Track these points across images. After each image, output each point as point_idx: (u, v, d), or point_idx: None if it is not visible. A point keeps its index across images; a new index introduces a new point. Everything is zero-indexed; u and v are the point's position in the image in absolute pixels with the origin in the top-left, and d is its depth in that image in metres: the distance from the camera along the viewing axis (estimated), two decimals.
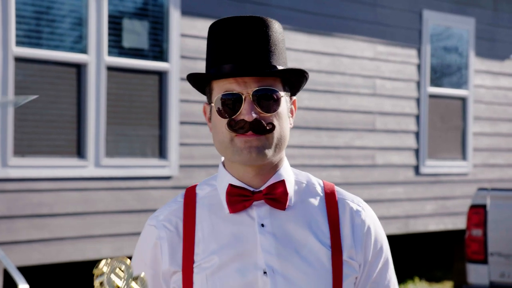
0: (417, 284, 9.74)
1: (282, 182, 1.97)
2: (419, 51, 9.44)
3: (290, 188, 1.99)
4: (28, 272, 6.93)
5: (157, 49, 7.20)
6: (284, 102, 1.97)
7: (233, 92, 1.92)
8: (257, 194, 1.96)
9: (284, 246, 1.94)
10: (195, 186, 2.04)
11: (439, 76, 9.80)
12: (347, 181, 8.61)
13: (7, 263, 4.79)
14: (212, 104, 1.96)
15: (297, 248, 1.95)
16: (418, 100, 9.45)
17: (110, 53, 6.84)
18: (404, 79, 9.31)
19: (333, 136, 8.51)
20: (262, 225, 1.95)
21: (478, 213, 6.54)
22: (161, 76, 7.17)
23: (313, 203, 2.00)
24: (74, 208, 6.64)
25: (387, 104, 9.12)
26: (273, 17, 2.48)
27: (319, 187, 2.04)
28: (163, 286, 1.98)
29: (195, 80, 1.99)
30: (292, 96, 2.03)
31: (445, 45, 9.83)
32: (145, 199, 7.05)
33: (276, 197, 1.96)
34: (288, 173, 2.01)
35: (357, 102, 8.81)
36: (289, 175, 2.01)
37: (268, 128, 1.92)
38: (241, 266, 1.92)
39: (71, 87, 6.67)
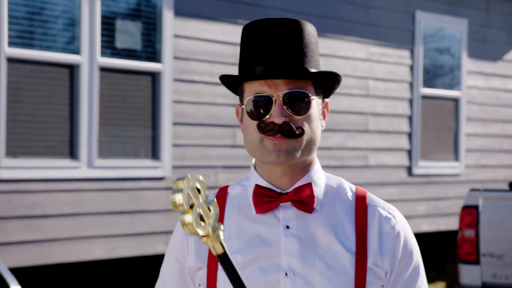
0: None
1: (310, 185, 1.97)
2: (412, 52, 9.45)
3: (318, 192, 1.99)
4: (21, 273, 6.91)
5: (150, 50, 7.19)
6: (315, 105, 1.96)
7: (264, 95, 1.92)
8: (284, 196, 1.96)
9: (308, 249, 1.94)
10: (228, 186, 2.06)
11: (432, 77, 9.82)
12: None
13: None
14: (244, 106, 1.97)
15: (321, 252, 1.94)
16: (411, 101, 9.47)
17: (103, 54, 6.83)
18: (397, 80, 9.33)
19: (326, 137, 8.52)
20: (287, 227, 1.95)
21: (471, 214, 6.55)
22: (154, 77, 7.16)
23: (342, 208, 1.99)
24: (67, 209, 6.63)
25: (380, 105, 9.13)
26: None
27: (350, 192, 2.02)
28: (189, 281, 2.01)
29: (228, 82, 2.00)
30: (325, 99, 2.02)
31: (438, 46, 9.84)
32: (138, 200, 7.04)
33: (303, 200, 1.96)
34: (318, 176, 2.00)
35: (350, 103, 8.82)
36: (319, 178, 2.00)
37: (298, 133, 1.91)
38: (264, 266, 1.93)
39: (64, 88, 6.66)
